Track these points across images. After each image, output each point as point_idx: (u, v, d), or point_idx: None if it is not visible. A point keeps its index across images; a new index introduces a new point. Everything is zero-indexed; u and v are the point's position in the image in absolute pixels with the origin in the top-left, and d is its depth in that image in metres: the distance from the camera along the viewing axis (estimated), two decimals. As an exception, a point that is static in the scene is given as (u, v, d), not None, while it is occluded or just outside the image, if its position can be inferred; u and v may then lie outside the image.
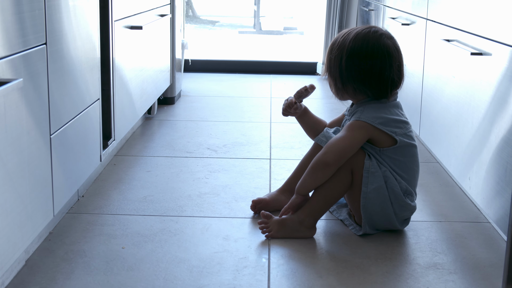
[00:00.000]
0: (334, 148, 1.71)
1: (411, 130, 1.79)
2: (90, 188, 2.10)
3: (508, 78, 1.68)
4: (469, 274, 1.59)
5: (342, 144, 1.71)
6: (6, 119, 1.31)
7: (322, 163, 1.71)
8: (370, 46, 1.74)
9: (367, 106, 1.76)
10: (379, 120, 1.73)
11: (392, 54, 1.74)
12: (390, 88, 1.75)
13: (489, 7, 1.84)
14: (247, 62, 4.54)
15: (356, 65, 1.74)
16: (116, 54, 2.20)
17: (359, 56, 1.74)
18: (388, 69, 1.74)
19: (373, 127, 1.72)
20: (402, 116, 1.78)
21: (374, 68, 1.73)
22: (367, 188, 1.71)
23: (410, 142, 1.76)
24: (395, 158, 1.74)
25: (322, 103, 3.54)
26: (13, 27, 1.34)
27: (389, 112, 1.75)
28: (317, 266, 1.61)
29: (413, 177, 1.78)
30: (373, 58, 1.73)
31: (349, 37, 1.76)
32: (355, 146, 1.71)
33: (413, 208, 1.78)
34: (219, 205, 1.99)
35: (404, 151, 1.75)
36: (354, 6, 4.28)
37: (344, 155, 1.70)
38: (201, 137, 2.76)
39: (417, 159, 1.79)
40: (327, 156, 1.70)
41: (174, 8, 3.35)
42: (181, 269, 1.57)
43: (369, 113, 1.74)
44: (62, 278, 1.51)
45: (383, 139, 1.74)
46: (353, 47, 1.74)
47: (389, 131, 1.73)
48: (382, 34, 1.76)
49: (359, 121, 1.73)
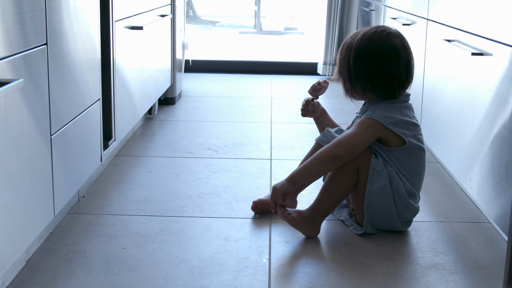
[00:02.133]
0: (347, 143, 1.71)
1: (420, 133, 1.79)
2: (91, 189, 2.10)
3: (509, 78, 1.68)
4: (470, 274, 1.59)
5: (354, 141, 1.71)
6: (7, 119, 1.31)
7: (334, 156, 1.70)
8: (376, 45, 1.75)
9: (379, 105, 1.77)
10: (390, 120, 1.73)
11: (399, 53, 1.75)
12: (398, 87, 1.76)
13: (490, 7, 1.84)
14: (247, 63, 4.54)
15: (363, 64, 1.76)
16: (117, 55, 2.20)
17: (366, 55, 1.75)
18: (395, 68, 1.74)
19: (384, 127, 1.73)
20: (413, 118, 1.79)
21: (380, 67, 1.74)
22: (372, 186, 1.72)
23: (418, 145, 1.76)
24: (401, 159, 1.74)
25: (326, 103, 3.52)
26: (13, 28, 1.34)
27: (400, 113, 1.76)
28: (317, 266, 1.61)
29: (418, 180, 1.78)
30: (379, 57, 1.74)
31: (357, 37, 1.79)
32: (366, 144, 1.72)
33: (416, 209, 1.78)
34: (220, 206, 1.99)
35: (412, 153, 1.75)
36: (354, 7, 4.27)
37: (355, 152, 1.71)
38: (201, 138, 2.76)
39: (424, 162, 1.79)
40: (340, 150, 1.70)
41: (175, 8, 3.35)
42: (181, 270, 1.57)
43: (380, 112, 1.74)
44: (63, 279, 1.51)
45: (392, 139, 1.74)
46: (360, 47, 1.76)
47: (399, 132, 1.73)
48: (390, 33, 1.77)
49: (370, 119, 1.74)
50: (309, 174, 1.74)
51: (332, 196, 1.76)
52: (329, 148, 1.72)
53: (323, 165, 1.72)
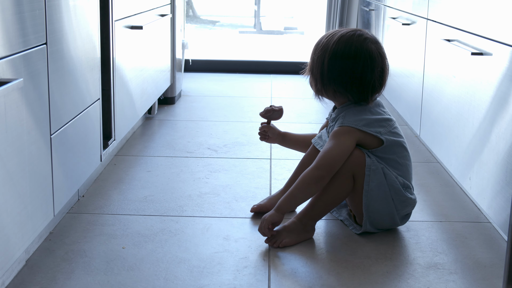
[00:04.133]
0: (325, 160, 1.70)
1: (395, 126, 1.78)
2: (91, 188, 2.10)
3: (508, 78, 1.68)
4: (470, 274, 1.59)
5: (332, 154, 1.70)
6: (7, 119, 1.31)
7: (316, 178, 1.69)
8: (353, 49, 1.73)
9: (349, 111, 1.76)
10: (362, 122, 1.73)
11: (375, 59, 1.73)
12: (370, 92, 1.75)
13: (490, 7, 1.84)
14: (247, 62, 4.54)
15: (338, 67, 1.74)
16: (117, 54, 2.20)
17: (342, 58, 1.73)
18: (370, 73, 1.73)
19: (358, 130, 1.72)
20: (385, 114, 1.78)
21: (355, 71, 1.72)
22: (369, 186, 1.72)
23: (396, 140, 1.75)
24: (385, 157, 1.74)
25: (319, 104, 3.53)
26: (13, 27, 1.34)
27: (370, 113, 1.75)
28: (317, 266, 1.61)
29: (406, 171, 1.78)
30: (355, 61, 1.72)
31: (333, 38, 1.76)
32: (345, 153, 1.70)
33: (413, 202, 1.78)
34: (220, 205, 1.99)
35: (393, 149, 1.75)
36: (354, 6, 4.27)
37: (336, 164, 1.70)
38: (201, 137, 2.76)
39: (408, 153, 1.79)
40: (321, 171, 1.69)
41: (175, 8, 3.35)
42: (181, 269, 1.57)
43: (351, 117, 1.73)
44: (63, 278, 1.51)
45: (370, 141, 1.74)
46: (336, 49, 1.74)
47: (374, 132, 1.72)
48: (367, 38, 1.75)
49: (343, 126, 1.73)
50: (296, 201, 1.74)
51: (326, 202, 1.75)
52: (311, 172, 1.70)
53: (309, 190, 1.71)
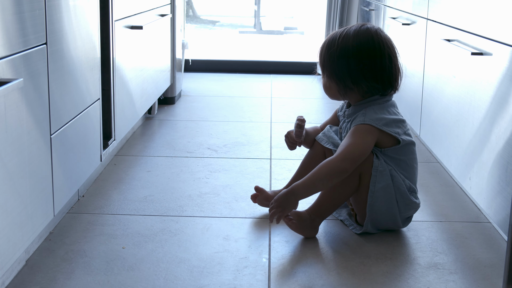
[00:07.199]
0: (352, 155, 1.68)
1: (408, 128, 1.80)
2: (91, 188, 2.10)
3: (508, 78, 1.68)
4: (470, 274, 1.59)
5: (358, 152, 1.69)
6: (7, 119, 1.31)
7: (340, 170, 1.68)
8: (375, 40, 1.74)
9: (368, 109, 1.75)
10: (382, 121, 1.73)
11: (393, 44, 1.78)
12: (400, 77, 1.78)
13: (490, 7, 1.84)
14: (247, 62, 4.54)
15: (367, 62, 1.73)
16: (117, 54, 2.20)
17: (368, 52, 1.73)
18: (395, 58, 1.77)
19: (378, 130, 1.72)
20: (399, 115, 1.79)
21: (383, 61, 1.74)
22: (375, 187, 1.72)
23: (410, 140, 1.77)
24: (396, 158, 1.75)
25: (323, 103, 3.53)
26: (13, 27, 1.34)
27: (388, 113, 1.76)
28: (317, 266, 1.61)
29: (413, 174, 1.79)
30: (380, 51, 1.74)
31: (349, 36, 1.75)
32: (368, 151, 1.71)
33: (417, 206, 1.79)
34: (220, 205, 1.99)
35: (404, 150, 1.75)
36: (354, 6, 4.27)
37: (359, 161, 1.70)
38: (201, 137, 2.76)
39: (415, 155, 1.80)
40: (346, 164, 1.68)
41: (175, 8, 3.35)
42: (181, 269, 1.57)
43: (372, 115, 1.73)
44: (63, 278, 1.51)
45: (385, 140, 1.74)
46: (359, 45, 1.73)
47: (392, 132, 1.73)
48: (374, 27, 1.78)
49: (366, 125, 1.72)
50: (314, 190, 1.72)
51: (333, 200, 1.76)
52: (335, 163, 1.69)
53: (330, 180, 1.69)
